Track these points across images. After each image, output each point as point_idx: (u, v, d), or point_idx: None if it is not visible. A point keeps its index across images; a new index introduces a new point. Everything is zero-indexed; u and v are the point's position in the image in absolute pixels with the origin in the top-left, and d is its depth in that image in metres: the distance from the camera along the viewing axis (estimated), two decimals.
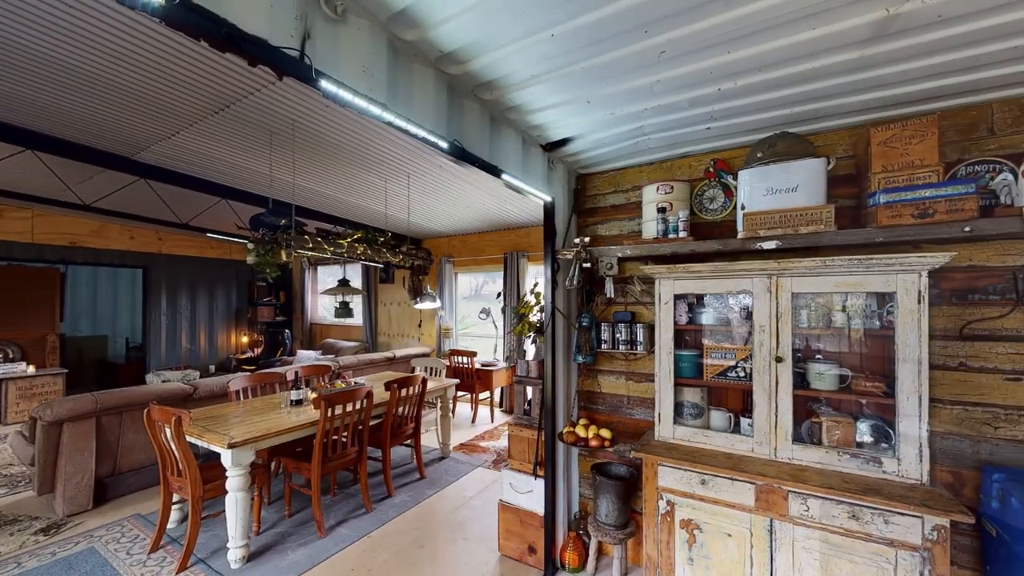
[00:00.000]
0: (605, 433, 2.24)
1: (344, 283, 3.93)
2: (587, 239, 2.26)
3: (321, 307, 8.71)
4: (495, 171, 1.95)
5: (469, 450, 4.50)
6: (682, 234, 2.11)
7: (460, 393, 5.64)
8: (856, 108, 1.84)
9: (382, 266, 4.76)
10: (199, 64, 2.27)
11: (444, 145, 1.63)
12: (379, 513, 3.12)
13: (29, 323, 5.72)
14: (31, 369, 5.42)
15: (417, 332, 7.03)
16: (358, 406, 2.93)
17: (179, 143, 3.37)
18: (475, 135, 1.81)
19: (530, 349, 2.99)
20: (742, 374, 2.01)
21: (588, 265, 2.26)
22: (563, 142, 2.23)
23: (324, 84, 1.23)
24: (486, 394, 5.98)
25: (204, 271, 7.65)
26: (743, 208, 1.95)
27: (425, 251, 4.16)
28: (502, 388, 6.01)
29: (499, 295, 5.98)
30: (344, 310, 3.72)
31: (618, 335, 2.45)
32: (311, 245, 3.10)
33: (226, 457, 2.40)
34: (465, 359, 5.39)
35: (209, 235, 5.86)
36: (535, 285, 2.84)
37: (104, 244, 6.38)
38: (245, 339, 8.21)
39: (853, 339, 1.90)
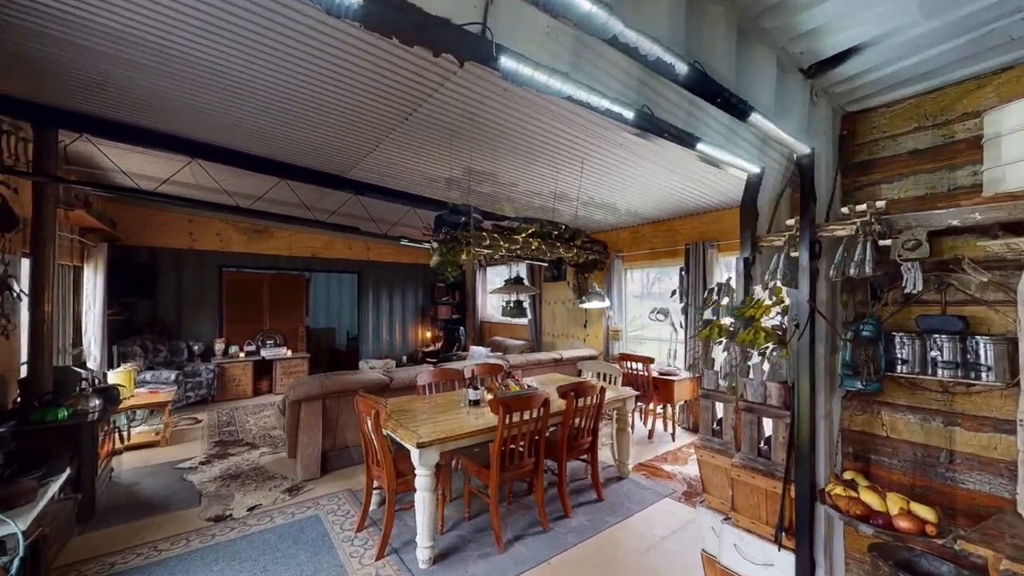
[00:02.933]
0: (926, 513, 1.38)
1: (517, 280, 3.78)
2: (880, 203, 1.46)
3: (489, 306, 9.16)
4: (690, 141, 1.42)
5: (650, 472, 3.88)
6: None
7: None
8: None
9: (547, 264, 4.55)
10: (388, 70, 2.32)
11: (630, 116, 1.25)
12: (557, 535, 2.81)
13: (288, 317, 7.47)
14: (289, 352, 7.02)
15: (582, 333, 6.66)
16: (535, 414, 2.67)
17: (378, 157, 3.71)
18: (719, 54, 1.24)
19: (719, 357, 2.35)
20: None
21: (885, 243, 1.45)
22: (842, 57, 1.47)
23: (503, 61, 1.16)
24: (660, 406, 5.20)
25: (398, 274, 8.86)
26: None
27: (600, 244, 3.72)
28: (685, 401, 5.14)
29: (673, 293, 5.13)
30: (517, 309, 3.57)
31: (932, 352, 1.55)
32: (487, 242, 2.99)
33: (415, 456, 2.40)
34: (639, 365, 4.75)
35: (402, 242, 6.64)
36: (727, 280, 2.27)
37: (332, 254, 7.91)
38: (428, 334, 9.21)
39: None
